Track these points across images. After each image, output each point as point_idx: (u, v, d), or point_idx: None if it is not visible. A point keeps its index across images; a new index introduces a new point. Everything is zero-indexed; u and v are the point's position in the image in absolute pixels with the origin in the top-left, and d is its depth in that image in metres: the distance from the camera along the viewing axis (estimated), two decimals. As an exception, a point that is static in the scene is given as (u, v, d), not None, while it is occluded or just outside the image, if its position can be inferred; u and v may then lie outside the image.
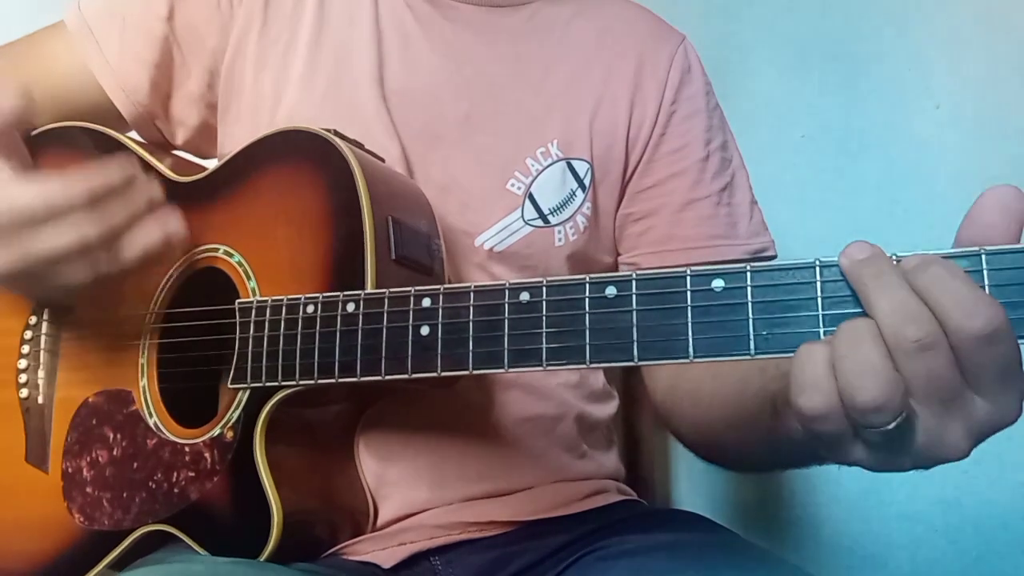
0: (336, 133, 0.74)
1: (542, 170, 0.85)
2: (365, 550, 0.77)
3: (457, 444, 0.81)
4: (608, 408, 0.94)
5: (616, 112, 0.89)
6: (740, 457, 0.70)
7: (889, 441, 0.44)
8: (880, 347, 0.43)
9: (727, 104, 0.95)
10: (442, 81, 0.86)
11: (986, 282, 0.44)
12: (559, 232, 0.86)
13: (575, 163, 0.87)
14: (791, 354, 0.46)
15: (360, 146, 0.76)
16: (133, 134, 0.90)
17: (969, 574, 1.25)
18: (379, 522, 0.79)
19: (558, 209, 0.86)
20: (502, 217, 0.84)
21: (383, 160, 0.79)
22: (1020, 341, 0.43)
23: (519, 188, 0.85)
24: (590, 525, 0.81)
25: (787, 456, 0.60)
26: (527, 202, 0.85)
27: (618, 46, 0.91)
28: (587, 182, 0.87)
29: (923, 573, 1.25)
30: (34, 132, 0.88)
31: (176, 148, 0.92)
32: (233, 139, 0.83)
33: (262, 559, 0.67)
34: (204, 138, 0.91)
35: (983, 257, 0.44)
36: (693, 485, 1.22)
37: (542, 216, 0.85)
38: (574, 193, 0.86)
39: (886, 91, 1.27)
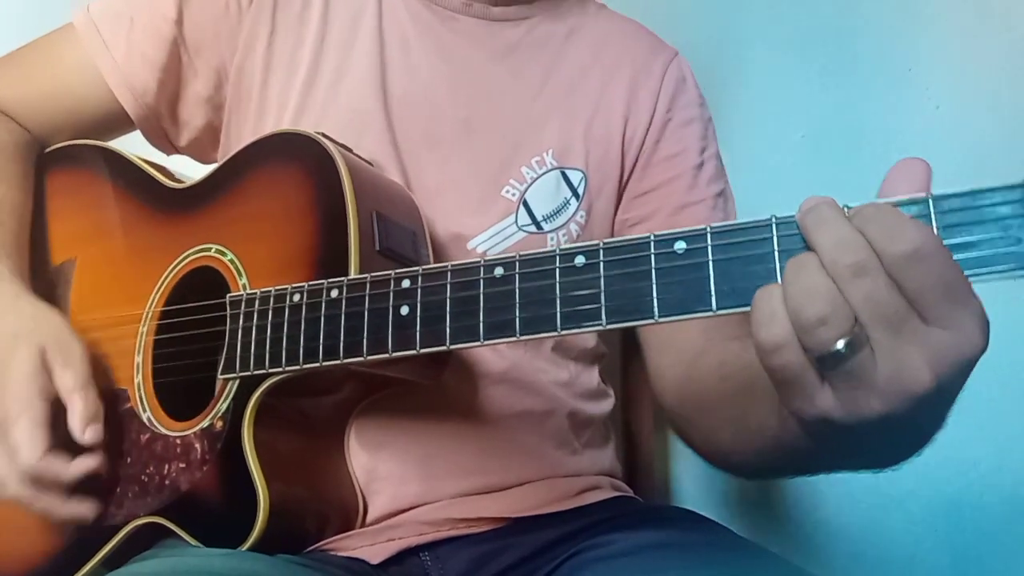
0: (324, 136, 0.76)
1: (536, 178, 0.86)
2: (353, 545, 0.76)
3: (447, 439, 0.81)
4: (603, 406, 0.93)
5: (611, 121, 0.90)
6: (745, 462, 0.69)
7: (849, 374, 0.44)
8: (822, 271, 0.45)
9: (727, 104, 0.95)
10: (440, 87, 0.87)
11: (935, 224, 0.45)
12: (552, 239, 0.86)
13: (569, 172, 0.88)
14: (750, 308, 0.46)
15: (349, 150, 0.78)
16: (133, 145, 0.92)
17: (969, 574, 1.22)
18: (369, 518, 0.79)
19: (552, 216, 0.86)
20: (496, 222, 0.85)
21: (371, 164, 0.81)
22: (970, 278, 0.44)
23: (513, 194, 0.86)
24: (582, 521, 0.81)
25: (791, 461, 0.60)
26: (521, 208, 0.86)
27: (614, 58, 0.93)
28: (581, 191, 0.88)
29: (923, 573, 1.23)
30: (47, 150, 0.91)
31: (180, 149, 0.93)
32: (239, 142, 0.83)
33: (247, 546, 0.68)
34: (207, 140, 0.92)
35: (931, 202, 0.45)
36: (693, 483, 1.21)
37: (535, 223, 0.86)
38: (568, 201, 0.87)
39: (886, 91, 1.26)
